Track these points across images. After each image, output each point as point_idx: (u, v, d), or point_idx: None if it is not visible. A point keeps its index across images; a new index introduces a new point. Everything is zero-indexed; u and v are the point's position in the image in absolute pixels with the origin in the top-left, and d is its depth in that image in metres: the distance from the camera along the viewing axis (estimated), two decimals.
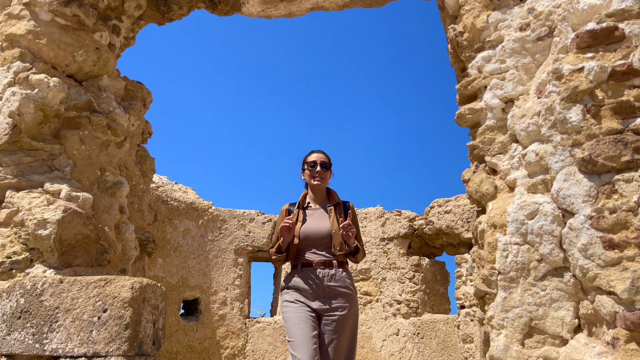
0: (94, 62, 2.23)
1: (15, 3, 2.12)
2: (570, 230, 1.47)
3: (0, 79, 2.01)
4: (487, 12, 1.85)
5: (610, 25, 1.55)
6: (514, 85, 1.74)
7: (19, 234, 1.75)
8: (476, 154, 1.80)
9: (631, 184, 1.40)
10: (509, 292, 1.55)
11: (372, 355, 6.99)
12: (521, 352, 1.48)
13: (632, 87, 1.49)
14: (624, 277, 1.33)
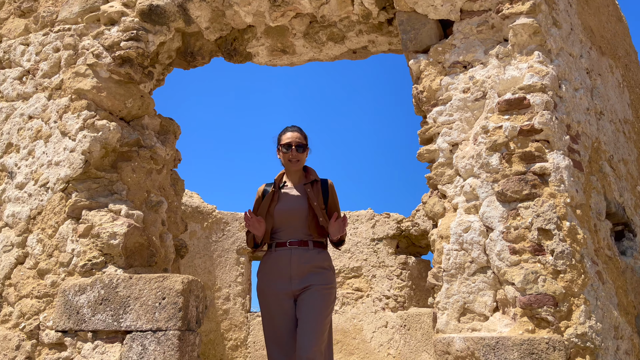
0: (139, 106, 2.86)
1: (80, 63, 2.75)
2: (490, 241, 2.12)
3: (72, 124, 2.63)
4: (440, 77, 2.49)
5: (521, 96, 2.19)
6: (458, 133, 2.38)
7: (95, 243, 2.39)
8: (431, 183, 2.45)
9: (528, 210, 2.04)
10: (450, 284, 2.19)
11: (363, 345, 7.59)
12: (457, 326, 2.13)
13: (533, 141, 2.14)
14: (520, 272, 1.98)
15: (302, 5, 2.77)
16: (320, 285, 2.57)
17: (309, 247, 2.68)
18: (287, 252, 2.67)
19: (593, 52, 2.70)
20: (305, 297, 2.55)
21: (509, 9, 2.33)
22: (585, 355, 1.84)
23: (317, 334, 2.44)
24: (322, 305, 2.53)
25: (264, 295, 2.65)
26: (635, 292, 2.29)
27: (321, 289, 2.56)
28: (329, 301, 2.60)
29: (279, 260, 2.66)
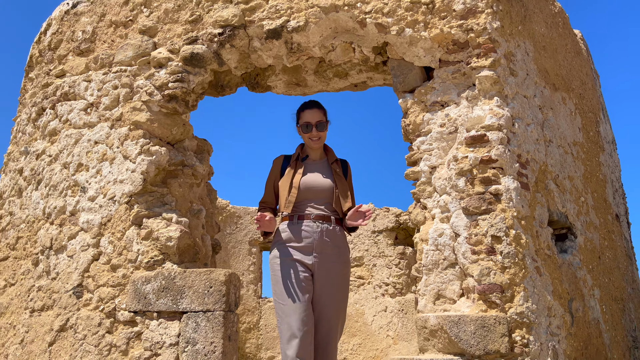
0: (182, 132, 3.55)
1: (136, 100, 3.43)
2: (458, 244, 2.81)
3: (132, 149, 3.33)
4: (423, 113, 3.16)
5: (482, 133, 2.87)
6: (436, 159, 3.06)
7: (155, 244, 3.09)
8: (416, 197, 3.13)
9: (485, 221, 2.73)
10: (428, 276, 2.89)
11: (365, 327, 8.35)
12: (432, 307, 2.83)
13: (491, 168, 2.82)
14: (478, 268, 2.68)
15: (313, 52, 3.44)
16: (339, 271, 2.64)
17: (331, 223, 2.67)
18: (312, 225, 2.63)
19: (546, 90, 3.37)
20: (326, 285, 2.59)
21: (476, 63, 3.00)
22: (522, 327, 2.55)
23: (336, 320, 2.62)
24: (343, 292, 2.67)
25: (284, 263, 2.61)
26: (569, 282, 2.99)
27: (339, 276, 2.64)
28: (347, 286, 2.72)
29: (302, 233, 2.61)
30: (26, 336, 3.21)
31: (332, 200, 2.71)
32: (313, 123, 2.76)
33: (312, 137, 2.77)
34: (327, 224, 2.66)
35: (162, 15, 3.58)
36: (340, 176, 2.79)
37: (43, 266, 3.35)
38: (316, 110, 2.81)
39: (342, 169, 2.86)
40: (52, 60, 4.03)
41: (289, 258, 2.58)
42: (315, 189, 2.73)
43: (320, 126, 2.77)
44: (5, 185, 4.09)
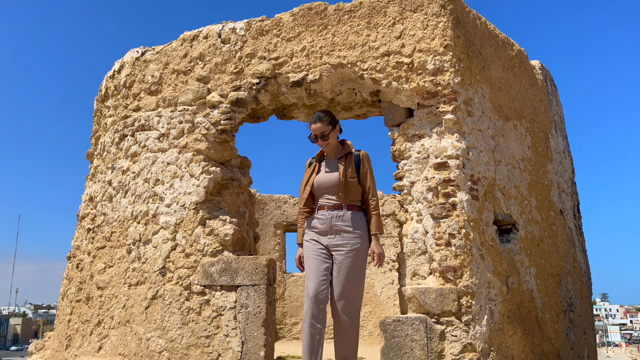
0: (230, 154, 4.82)
1: (197, 133, 4.69)
2: (427, 238, 4.05)
3: (196, 170, 4.60)
4: (406, 143, 4.36)
5: (444, 160, 4.08)
6: (414, 177, 4.28)
7: (216, 239, 4.40)
8: (400, 203, 4.36)
9: (445, 223, 3.96)
10: (407, 260, 4.14)
11: (375, 298, 9.68)
12: (410, 282, 4.09)
13: (450, 185, 4.02)
14: (439, 255, 3.92)
15: (326, 95, 4.66)
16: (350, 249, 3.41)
17: (342, 210, 3.41)
18: (326, 214, 3.41)
19: (499, 122, 4.55)
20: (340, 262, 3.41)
21: (442, 108, 4.19)
22: (467, 295, 3.80)
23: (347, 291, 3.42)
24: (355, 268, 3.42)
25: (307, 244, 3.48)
26: (507, 263, 4.22)
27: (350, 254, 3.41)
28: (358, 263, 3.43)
29: (319, 220, 3.41)
30: (127, 303, 4.59)
31: (337, 191, 3.42)
32: (317, 134, 3.49)
33: (320, 145, 3.55)
34: (338, 211, 3.42)
35: (213, 67, 4.82)
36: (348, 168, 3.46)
37: (135, 254, 4.70)
38: (319, 123, 3.50)
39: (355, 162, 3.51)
40: (127, 96, 5.31)
41: (311, 239, 3.48)
42: (325, 184, 3.47)
43: (324, 136, 3.48)
44: (96, 192, 5.45)
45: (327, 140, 3.51)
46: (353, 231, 3.41)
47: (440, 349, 3.71)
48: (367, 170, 3.53)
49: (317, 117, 3.57)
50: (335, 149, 3.58)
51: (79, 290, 5.15)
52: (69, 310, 5.23)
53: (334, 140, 3.56)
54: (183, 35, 5.07)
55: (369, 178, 3.55)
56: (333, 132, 3.56)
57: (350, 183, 3.46)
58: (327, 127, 3.51)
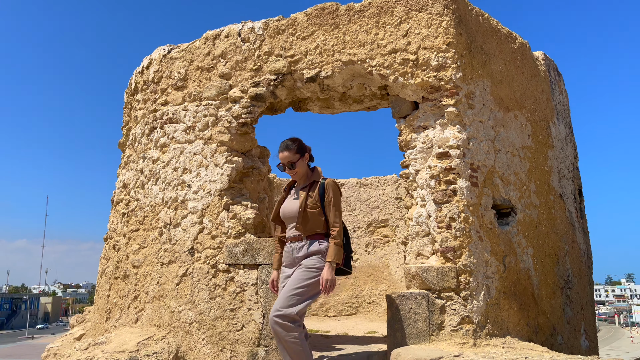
0: (250, 145, 5.25)
1: (220, 125, 5.12)
2: (430, 221, 4.44)
3: (220, 159, 5.05)
4: (412, 134, 4.73)
5: (446, 150, 4.44)
6: (419, 165, 4.66)
7: (239, 222, 4.86)
8: (406, 189, 4.75)
9: (446, 208, 4.34)
10: (412, 241, 4.55)
11: (389, 277, 10.11)
12: (414, 261, 4.50)
13: (451, 174, 4.39)
14: (440, 237, 4.31)
15: (338, 89, 5.04)
16: (303, 268, 3.38)
17: (301, 241, 3.44)
18: (289, 247, 3.51)
19: (499, 113, 4.88)
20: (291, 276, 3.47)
21: (445, 101, 4.53)
22: (466, 273, 4.19)
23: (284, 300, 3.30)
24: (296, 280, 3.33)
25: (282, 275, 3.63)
26: (505, 244, 4.59)
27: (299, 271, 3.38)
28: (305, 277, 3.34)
29: (286, 254, 3.55)
30: (160, 279, 5.11)
31: (298, 221, 3.41)
32: (285, 163, 3.51)
33: (288, 173, 3.56)
34: (299, 242, 3.45)
35: (234, 64, 5.23)
36: (309, 198, 3.44)
37: (166, 236, 5.20)
38: (285, 153, 3.50)
39: (320, 190, 3.44)
40: (155, 91, 5.77)
41: (284, 273, 3.61)
42: (289, 214, 3.50)
43: (290, 165, 3.48)
44: (129, 179, 5.95)
45: (295, 169, 3.49)
46: (310, 257, 3.44)
47: (440, 320, 4.13)
48: (331, 200, 3.38)
49: (284, 146, 3.55)
50: (305, 177, 3.55)
51: (117, 268, 5.69)
52: (108, 287, 5.79)
53: (301, 169, 3.52)
54: (206, 35, 5.48)
55: (332, 208, 3.38)
56: (301, 160, 3.50)
57: (310, 214, 3.40)
58: (295, 156, 3.48)
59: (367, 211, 10.16)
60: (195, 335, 4.72)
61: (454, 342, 4.02)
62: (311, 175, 3.54)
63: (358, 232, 9.94)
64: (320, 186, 3.45)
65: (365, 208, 10.13)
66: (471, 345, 3.99)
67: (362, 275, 9.96)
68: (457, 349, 3.90)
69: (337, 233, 3.38)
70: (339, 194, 3.52)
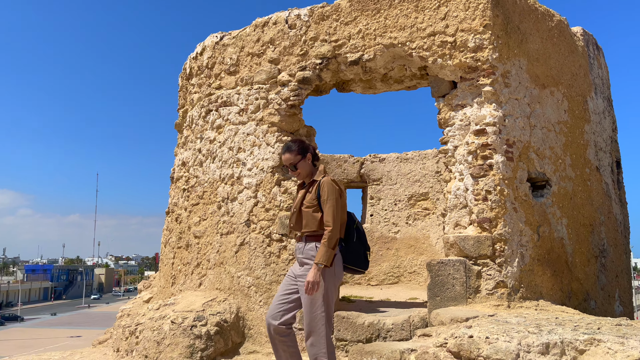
0: (298, 125, 5.67)
1: (271, 108, 5.56)
2: (467, 194, 4.77)
3: (271, 139, 5.50)
4: (450, 112, 5.03)
5: (483, 127, 4.72)
6: (457, 141, 4.96)
7: (290, 196, 5.33)
8: (445, 164, 5.08)
9: (482, 182, 4.65)
10: (450, 213, 4.90)
11: (430, 248, 10.47)
12: (453, 231, 4.85)
13: (488, 149, 4.68)
14: (477, 208, 4.64)
15: (380, 71, 5.37)
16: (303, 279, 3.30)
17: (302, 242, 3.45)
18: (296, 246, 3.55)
19: (535, 90, 5.10)
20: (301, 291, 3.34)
21: (482, 81, 4.80)
22: (501, 242, 4.53)
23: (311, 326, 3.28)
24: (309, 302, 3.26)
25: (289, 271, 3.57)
26: (539, 215, 4.87)
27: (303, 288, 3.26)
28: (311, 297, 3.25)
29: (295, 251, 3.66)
30: (220, 248, 5.67)
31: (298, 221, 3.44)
32: (287, 165, 3.55)
33: (292, 174, 3.61)
34: (300, 243, 3.47)
35: (282, 50, 5.62)
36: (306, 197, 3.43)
37: (224, 209, 5.74)
38: (287, 155, 3.50)
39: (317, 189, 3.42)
40: (209, 76, 6.24)
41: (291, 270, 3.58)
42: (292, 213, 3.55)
43: (293, 167, 3.50)
44: (188, 158, 6.51)
45: (297, 171, 3.52)
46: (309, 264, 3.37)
47: (476, 285, 4.51)
48: (326, 199, 3.33)
49: (286, 147, 3.58)
50: (309, 177, 3.56)
51: (179, 239, 6.30)
52: (172, 255, 6.42)
53: (304, 170, 3.53)
54: (255, 22, 5.87)
55: (326, 206, 3.33)
56: (303, 161, 3.50)
57: (305, 213, 3.41)
58: (296, 157, 3.49)
59: (407, 185, 10.49)
60: (253, 298, 5.26)
61: (489, 304, 4.39)
62: (314, 175, 3.54)
63: (399, 205, 10.30)
64: (319, 185, 3.43)
65: (406, 182, 10.45)
66: (505, 307, 4.36)
67: (403, 247, 10.36)
68: (492, 310, 4.27)
69: (327, 233, 3.27)
70: (336, 192, 3.41)
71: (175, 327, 4.78)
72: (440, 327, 3.99)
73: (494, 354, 2.91)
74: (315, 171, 3.55)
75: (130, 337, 5.15)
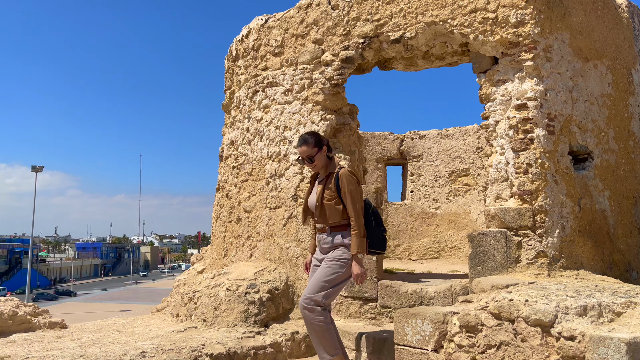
0: (341, 103, 5.88)
1: (315, 87, 5.78)
2: (508, 167, 4.89)
3: (316, 117, 5.75)
4: (491, 87, 5.13)
5: (524, 102, 4.81)
6: (498, 116, 5.07)
7: None
8: (486, 138, 5.20)
9: (523, 155, 4.76)
10: (491, 186, 5.04)
11: (471, 223, 10.57)
12: (494, 204, 5.00)
13: (529, 123, 4.78)
14: (518, 181, 4.77)
15: (421, 49, 5.50)
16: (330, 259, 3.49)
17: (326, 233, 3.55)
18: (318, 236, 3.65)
19: (578, 64, 5.13)
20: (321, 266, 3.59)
21: (523, 56, 4.87)
22: (541, 213, 4.65)
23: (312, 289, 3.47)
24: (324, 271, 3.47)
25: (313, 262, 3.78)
26: (581, 188, 4.95)
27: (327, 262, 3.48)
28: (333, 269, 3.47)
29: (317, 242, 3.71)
30: (269, 222, 6.00)
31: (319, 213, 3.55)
32: (303, 157, 3.60)
33: (308, 167, 3.69)
34: (323, 234, 3.59)
35: (325, 31, 5.81)
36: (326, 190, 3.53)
37: (272, 185, 6.05)
38: (303, 147, 3.56)
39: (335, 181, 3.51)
40: (255, 57, 6.51)
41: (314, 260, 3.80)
42: (311, 206, 3.66)
43: (309, 159, 3.55)
44: (236, 137, 6.83)
45: (314, 163, 3.57)
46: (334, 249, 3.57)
47: (517, 255, 4.67)
48: (346, 191, 3.43)
49: (302, 140, 3.62)
50: (324, 169, 3.63)
51: (230, 213, 6.67)
52: (223, 229, 6.81)
53: (320, 162, 3.58)
54: (299, 4, 6.08)
55: (348, 198, 3.44)
56: (319, 154, 3.56)
57: (327, 206, 3.50)
58: (313, 149, 3.55)
59: (448, 161, 10.57)
60: (301, 268, 5.58)
61: (530, 273, 4.56)
62: (328, 166, 3.60)
63: (440, 181, 10.42)
64: (336, 177, 3.50)
65: (447, 158, 10.53)
66: (545, 276, 4.51)
67: (444, 222, 10.50)
68: (532, 278, 4.43)
69: (355, 224, 3.46)
70: (355, 182, 3.56)
71: (231, 294, 5.16)
72: (481, 293, 4.19)
73: (532, 315, 3.10)
74: (330, 163, 3.62)
75: (189, 303, 5.57)
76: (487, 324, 3.32)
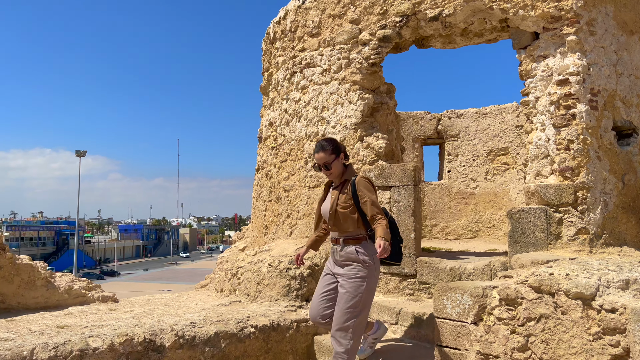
0: (379, 83, 5.92)
1: (352, 67, 5.83)
2: (549, 144, 4.84)
3: (353, 97, 5.80)
4: (532, 63, 5.06)
5: (566, 77, 4.74)
6: (539, 92, 5.01)
7: (372, 151, 5.64)
8: (526, 115, 5.15)
9: (564, 131, 4.70)
10: (532, 162, 5.01)
11: (509, 203, 10.46)
12: (534, 181, 4.97)
13: (571, 99, 4.71)
14: (559, 157, 4.72)
15: (459, 26, 5.46)
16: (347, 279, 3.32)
17: (340, 245, 3.39)
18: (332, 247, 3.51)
19: (622, 37, 5.00)
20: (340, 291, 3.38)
21: (565, 30, 4.79)
22: (583, 190, 4.61)
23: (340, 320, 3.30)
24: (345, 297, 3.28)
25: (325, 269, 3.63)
26: (625, 164, 4.86)
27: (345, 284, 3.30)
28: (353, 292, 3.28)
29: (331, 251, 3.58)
30: (308, 200, 6.13)
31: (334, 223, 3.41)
32: (320, 164, 3.48)
33: (324, 174, 3.50)
34: (337, 245, 3.42)
35: (362, 10, 5.83)
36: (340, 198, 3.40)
37: (310, 165, 6.16)
38: (321, 154, 3.45)
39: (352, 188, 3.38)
40: (293, 39, 6.59)
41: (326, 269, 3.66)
42: (325, 215, 3.54)
43: (326, 166, 3.44)
44: (275, 118, 6.97)
45: (330, 170, 3.47)
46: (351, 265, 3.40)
47: (558, 231, 4.65)
48: (365, 195, 3.32)
49: (319, 146, 3.51)
50: (340, 176, 3.53)
51: (270, 193, 6.85)
52: (264, 208, 7.00)
53: (337, 169, 3.49)
54: None
55: (368, 204, 3.31)
56: (337, 161, 3.46)
57: (341, 214, 3.39)
58: (330, 156, 3.44)
59: (486, 140, 10.44)
60: None
61: (570, 249, 4.54)
62: (344, 174, 3.51)
63: (477, 160, 10.32)
64: (352, 184, 3.40)
65: (485, 137, 10.41)
66: (587, 252, 4.49)
67: (482, 202, 10.42)
68: (573, 255, 4.42)
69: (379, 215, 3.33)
70: (372, 188, 3.47)
71: (273, 270, 5.34)
72: (520, 269, 4.22)
73: (573, 288, 3.13)
74: (345, 171, 3.53)
75: (233, 278, 5.80)
76: (527, 297, 3.36)
